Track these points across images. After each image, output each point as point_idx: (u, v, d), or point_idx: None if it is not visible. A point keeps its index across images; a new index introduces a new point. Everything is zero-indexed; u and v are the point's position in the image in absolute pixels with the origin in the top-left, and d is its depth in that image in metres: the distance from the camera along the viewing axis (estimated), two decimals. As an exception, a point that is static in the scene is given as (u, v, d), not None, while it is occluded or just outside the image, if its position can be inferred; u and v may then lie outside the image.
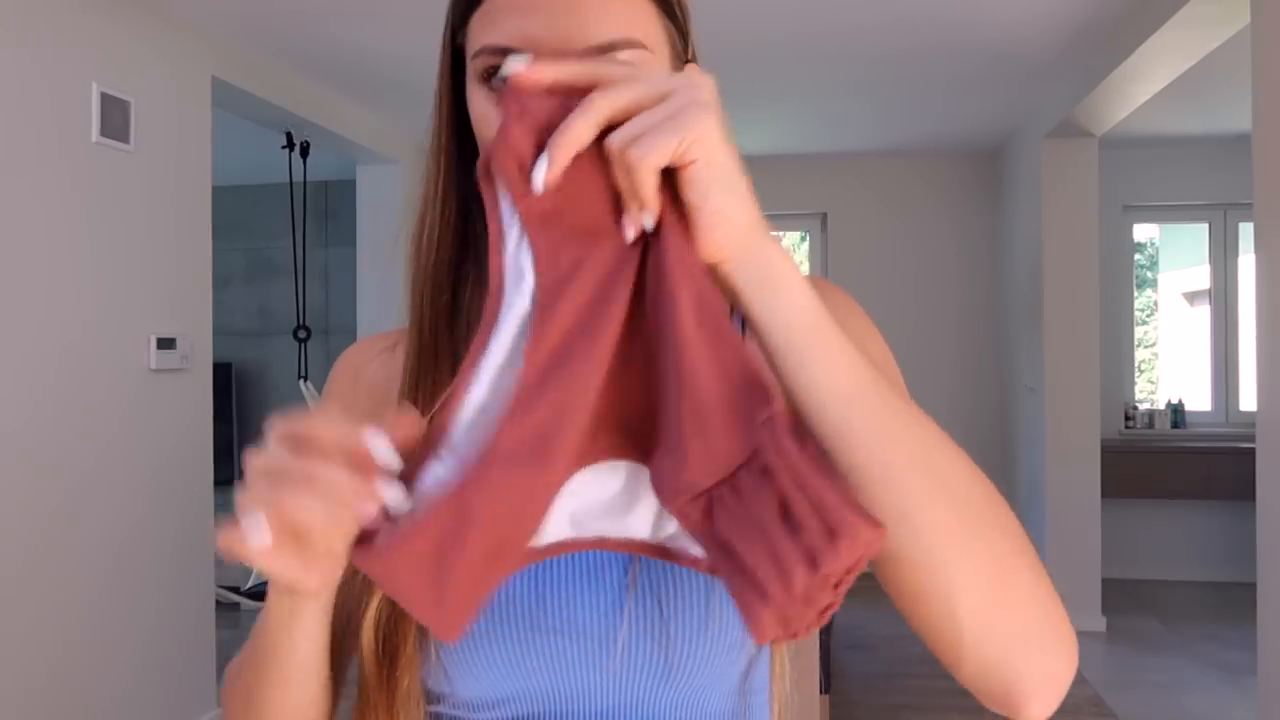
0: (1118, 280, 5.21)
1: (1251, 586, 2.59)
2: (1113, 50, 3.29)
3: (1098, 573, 4.31)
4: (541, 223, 0.47)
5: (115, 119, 2.78)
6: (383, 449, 0.45)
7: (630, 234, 0.48)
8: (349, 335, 5.16)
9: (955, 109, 4.38)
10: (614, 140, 0.45)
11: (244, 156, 4.80)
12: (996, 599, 0.47)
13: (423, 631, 0.57)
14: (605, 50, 0.55)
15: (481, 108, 0.58)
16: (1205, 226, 5.25)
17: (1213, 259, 5.23)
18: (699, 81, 0.45)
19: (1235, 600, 4.61)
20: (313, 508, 0.43)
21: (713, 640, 0.56)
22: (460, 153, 0.63)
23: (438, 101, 0.63)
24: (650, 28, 0.59)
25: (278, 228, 4.68)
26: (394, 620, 0.57)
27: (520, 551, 0.49)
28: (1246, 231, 5.04)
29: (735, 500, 0.45)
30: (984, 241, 5.35)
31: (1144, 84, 3.47)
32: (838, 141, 5.03)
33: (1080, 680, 3.67)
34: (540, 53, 0.52)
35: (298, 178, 4.12)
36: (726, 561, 0.45)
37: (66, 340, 2.63)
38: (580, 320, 0.47)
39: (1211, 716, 3.38)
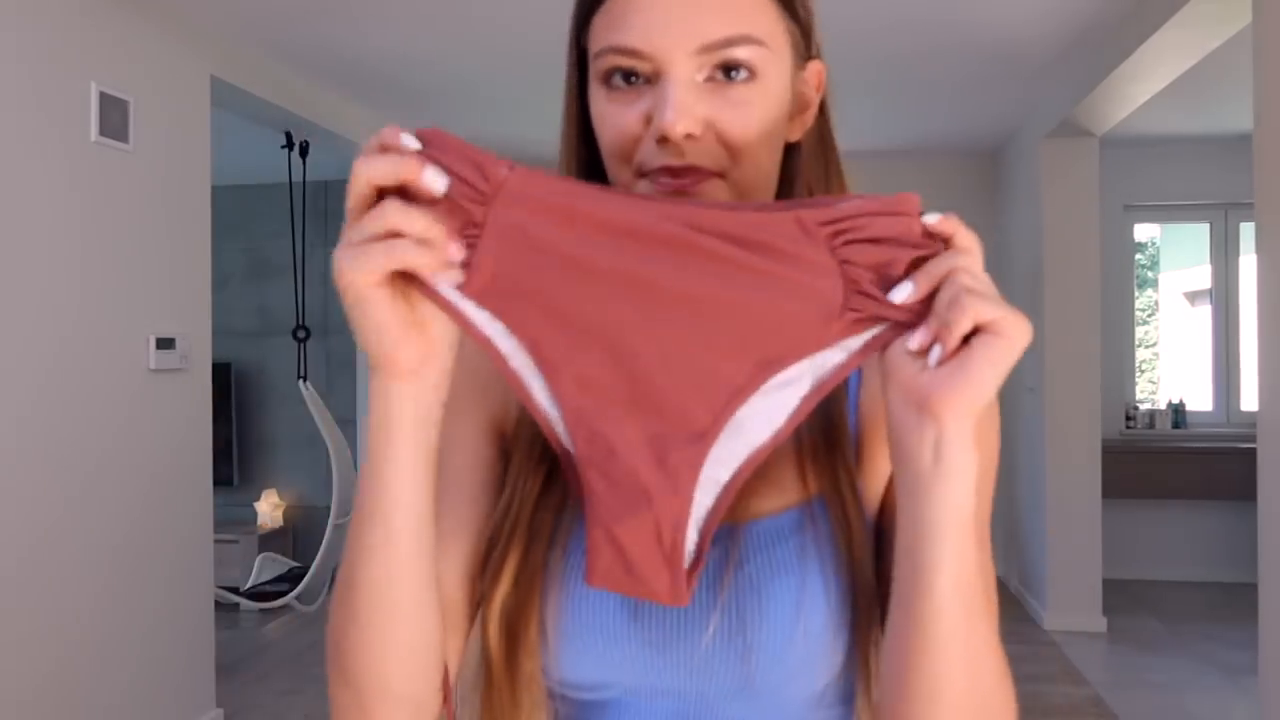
0: (1118, 280, 5.20)
1: (1252, 587, 2.58)
2: (1113, 50, 3.29)
3: (1098, 573, 4.31)
4: None
5: (114, 118, 2.77)
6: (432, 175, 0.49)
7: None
8: (348, 335, 5.12)
9: (955, 109, 4.37)
10: (958, 281, 0.49)
11: (243, 156, 4.80)
12: None
13: (541, 618, 0.60)
14: (724, 46, 0.57)
15: (600, 107, 0.60)
16: (1206, 226, 5.24)
17: (1213, 259, 5.23)
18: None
19: (1236, 600, 4.61)
20: (404, 244, 0.47)
21: (796, 657, 0.59)
22: (588, 151, 0.64)
23: (566, 101, 0.65)
24: (771, 25, 0.60)
25: (277, 228, 4.67)
26: (518, 608, 0.60)
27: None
28: (1247, 231, 5.04)
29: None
30: (984, 241, 5.18)
31: (1145, 84, 3.46)
32: (838, 141, 5.01)
33: (1081, 681, 3.66)
34: (655, 52, 0.56)
35: (297, 177, 4.11)
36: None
37: (65, 340, 2.63)
38: None
39: (1212, 717, 3.38)
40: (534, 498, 0.62)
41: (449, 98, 4.10)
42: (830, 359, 0.51)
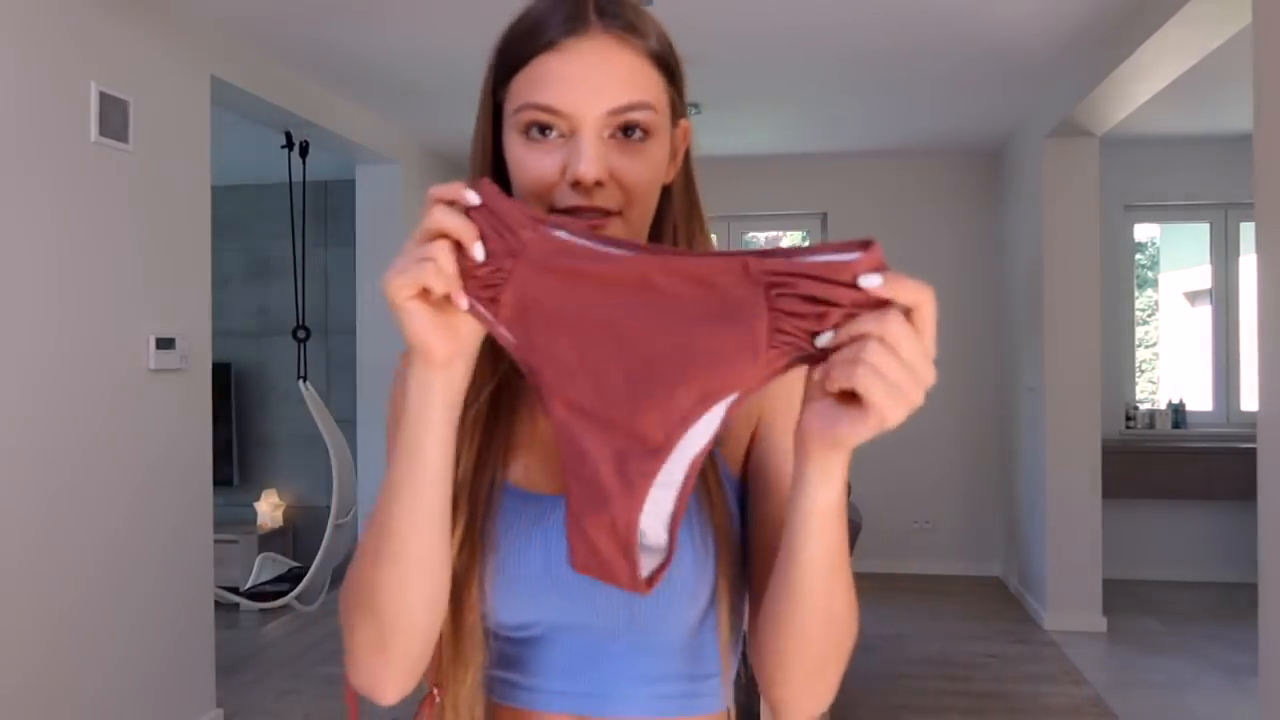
0: (1119, 280, 5.20)
1: (1253, 587, 2.58)
2: (1114, 49, 3.29)
3: (1099, 573, 4.31)
4: None
5: (114, 118, 2.77)
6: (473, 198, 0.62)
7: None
8: (348, 335, 5.15)
9: (956, 109, 4.37)
10: (862, 349, 0.56)
11: (243, 156, 4.80)
12: (831, 673, 0.72)
13: (480, 576, 0.75)
14: (627, 110, 0.70)
15: (518, 153, 0.72)
16: (1206, 226, 5.24)
17: (1214, 259, 5.23)
18: (919, 334, 0.58)
19: (1236, 601, 4.61)
20: (433, 271, 0.60)
21: (667, 597, 0.74)
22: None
23: (476, 154, 0.77)
24: (659, 94, 0.73)
25: (277, 228, 4.67)
26: (464, 571, 0.74)
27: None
28: (1248, 231, 5.04)
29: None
30: (984, 241, 5.34)
31: (1145, 83, 3.46)
32: (838, 141, 5.02)
33: (1081, 680, 3.66)
34: (572, 111, 0.69)
35: (297, 177, 4.11)
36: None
37: (65, 340, 2.63)
38: None
39: (1213, 717, 3.38)
40: (469, 476, 0.76)
41: (449, 98, 4.11)
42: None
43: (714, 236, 0.88)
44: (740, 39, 3.38)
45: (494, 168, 0.76)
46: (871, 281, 0.56)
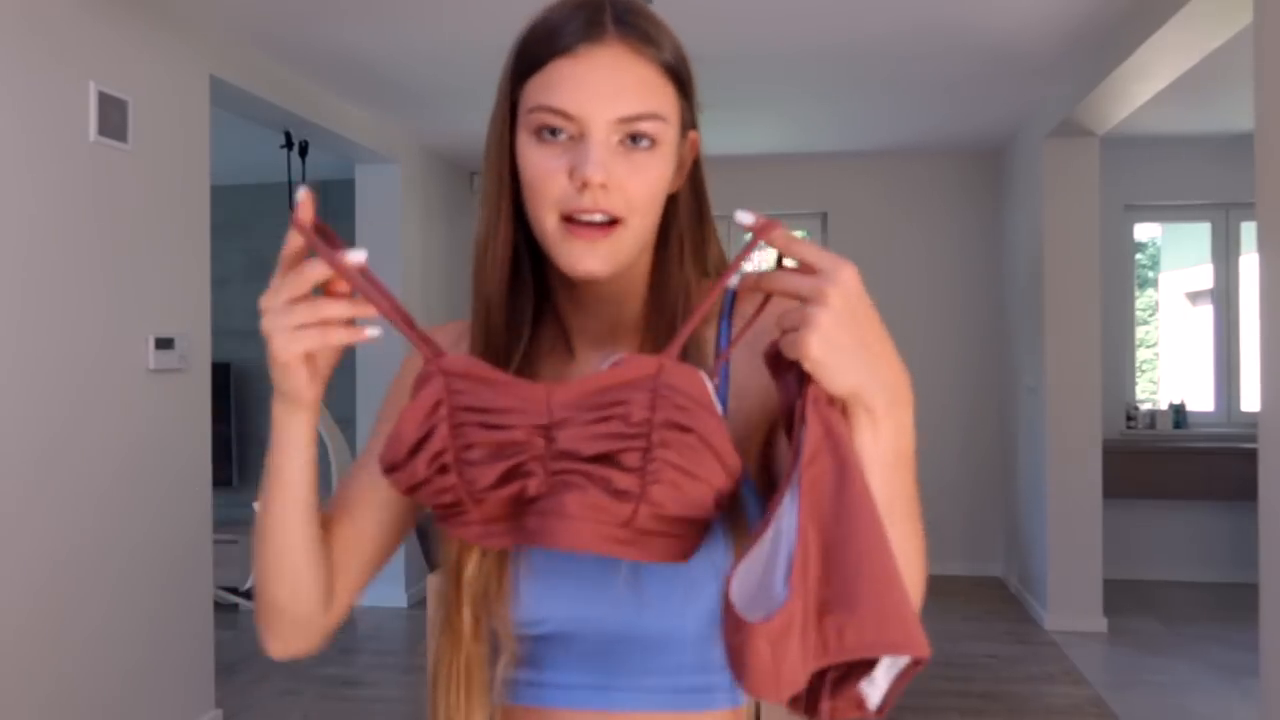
0: (1119, 280, 5.20)
1: (1253, 587, 2.58)
2: (1114, 49, 3.29)
3: (1099, 573, 4.31)
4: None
5: (113, 118, 2.77)
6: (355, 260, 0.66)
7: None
8: (349, 335, 5.14)
9: (956, 108, 4.37)
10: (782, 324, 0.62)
11: (242, 156, 4.80)
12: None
13: (506, 580, 0.78)
14: (636, 119, 0.72)
15: (529, 152, 0.74)
16: (1207, 226, 5.24)
17: (1214, 258, 5.23)
18: (835, 285, 0.60)
19: (1237, 601, 4.61)
20: (310, 337, 0.66)
21: (679, 596, 0.76)
22: (514, 193, 0.78)
23: (492, 149, 0.79)
24: (670, 104, 0.75)
25: (277, 228, 4.64)
26: (492, 578, 0.77)
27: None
28: (1249, 231, 5.03)
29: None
30: (985, 241, 5.34)
31: (1145, 83, 3.46)
32: (838, 141, 5.02)
33: (1081, 680, 3.66)
34: (583, 116, 0.71)
35: (296, 177, 4.11)
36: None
37: (64, 340, 2.63)
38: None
39: (1213, 717, 3.37)
40: None
41: (449, 98, 4.10)
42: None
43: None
44: (740, 39, 3.38)
45: (509, 166, 0.78)
46: (745, 219, 0.63)
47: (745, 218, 0.63)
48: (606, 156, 0.71)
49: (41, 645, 2.54)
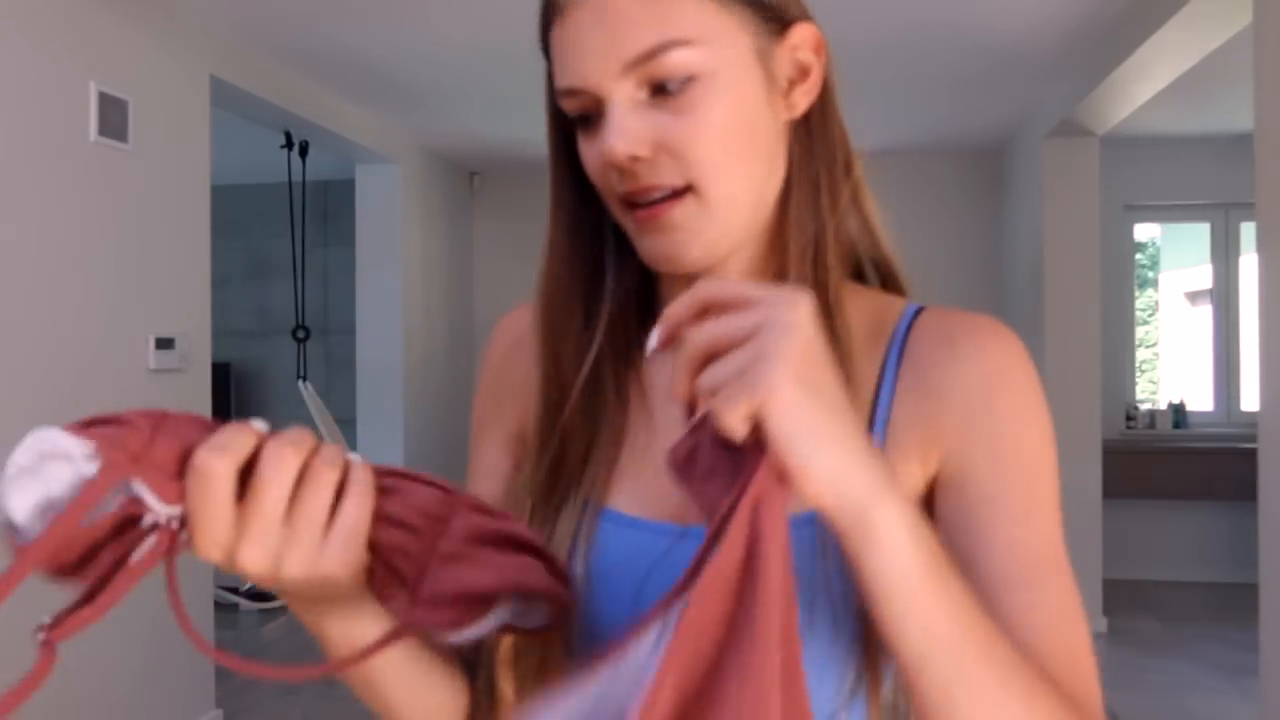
0: (1119, 280, 5.20)
1: (1253, 587, 2.58)
2: (1114, 49, 3.29)
3: (1099, 573, 4.31)
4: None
5: (113, 118, 2.77)
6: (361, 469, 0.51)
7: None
8: (348, 335, 5.15)
9: (956, 108, 4.37)
10: (701, 385, 0.45)
11: (243, 156, 4.80)
12: None
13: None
14: (646, 59, 0.54)
15: (580, 147, 0.60)
16: (1207, 226, 5.24)
17: (1214, 258, 5.23)
18: (781, 316, 0.43)
19: (1237, 601, 4.60)
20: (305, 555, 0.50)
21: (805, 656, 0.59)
22: (576, 186, 0.64)
23: (549, 162, 0.65)
24: (700, 15, 0.55)
25: (277, 228, 4.67)
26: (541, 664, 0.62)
27: None
28: (1248, 231, 5.03)
29: None
30: (985, 241, 5.34)
31: (1145, 83, 3.46)
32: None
33: (1081, 681, 3.66)
34: (588, 85, 0.56)
35: (297, 177, 4.11)
36: None
37: (65, 340, 2.63)
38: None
39: (1213, 717, 3.37)
40: (551, 496, 0.65)
41: (449, 98, 4.10)
42: None
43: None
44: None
45: (561, 157, 0.65)
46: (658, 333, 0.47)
47: (652, 342, 0.47)
48: (631, 120, 0.55)
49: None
